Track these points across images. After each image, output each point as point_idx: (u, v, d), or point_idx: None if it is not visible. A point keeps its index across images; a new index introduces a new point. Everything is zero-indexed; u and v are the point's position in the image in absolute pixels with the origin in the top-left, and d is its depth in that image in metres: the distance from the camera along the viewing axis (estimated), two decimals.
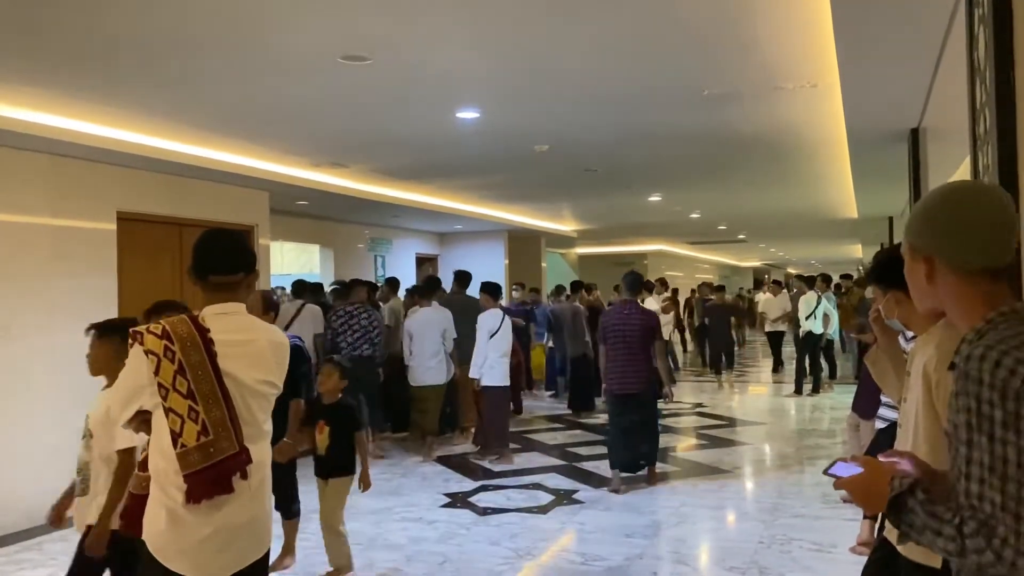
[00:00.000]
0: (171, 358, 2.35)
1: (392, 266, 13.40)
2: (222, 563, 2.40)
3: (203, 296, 2.50)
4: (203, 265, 2.50)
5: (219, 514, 2.37)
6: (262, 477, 2.49)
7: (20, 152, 6.01)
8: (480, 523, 5.85)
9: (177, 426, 2.33)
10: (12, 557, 5.30)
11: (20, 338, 5.97)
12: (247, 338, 2.49)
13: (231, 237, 2.60)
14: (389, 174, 8.98)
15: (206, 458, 2.34)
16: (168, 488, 2.37)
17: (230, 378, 2.40)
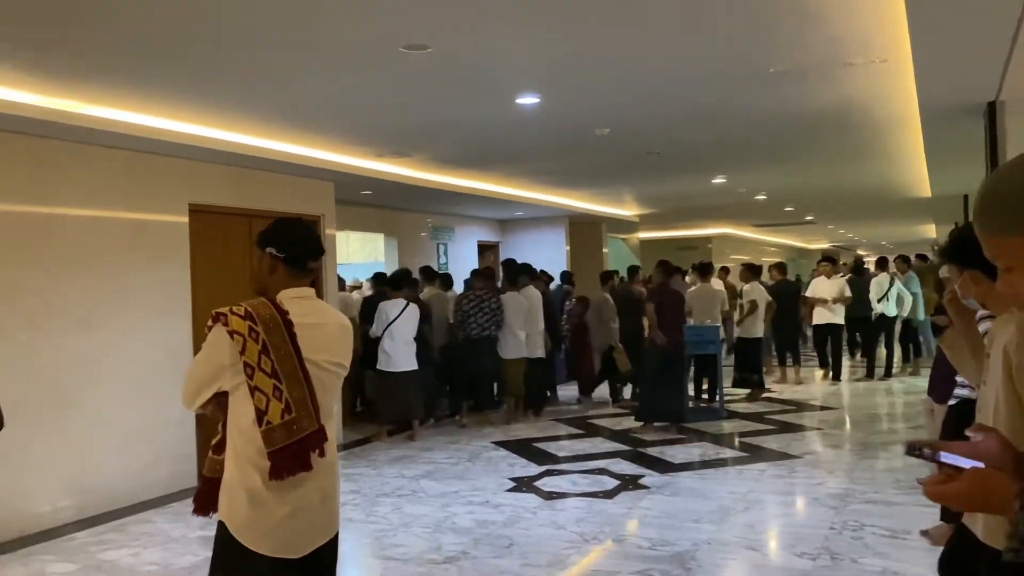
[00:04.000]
0: (255, 338, 2.41)
1: (454, 254, 13.50)
2: (301, 541, 2.46)
3: (279, 281, 2.57)
4: (304, 252, 2.58)
5: (296, 493, 2.43)
6: (332, 458, 2.56)
7: (99, 148, 6.23)
8: (545, 507, 5.88)
9: (263, 404, 2.40)
10: (98, 537, 5.53)
11: (100, 328, 6.20)
12: (320, 321, 2.58)
13: (308, 224, 2.72)
14: (450, 162, 9.04)
15: (289, 435, 2.40)
16: (246, 467, 2.42)
17: (307, 359, 2.48)
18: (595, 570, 4.64)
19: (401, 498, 6.24)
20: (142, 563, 4.98)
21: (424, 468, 7.22)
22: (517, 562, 4.77)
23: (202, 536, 5.45)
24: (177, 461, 6.73)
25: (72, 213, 6.10)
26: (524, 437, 8.44)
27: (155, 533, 5.60)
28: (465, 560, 4.82)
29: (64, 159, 6.03)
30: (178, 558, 5.04)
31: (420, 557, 4.89)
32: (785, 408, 9.77)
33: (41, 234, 5.86)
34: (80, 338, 6.05)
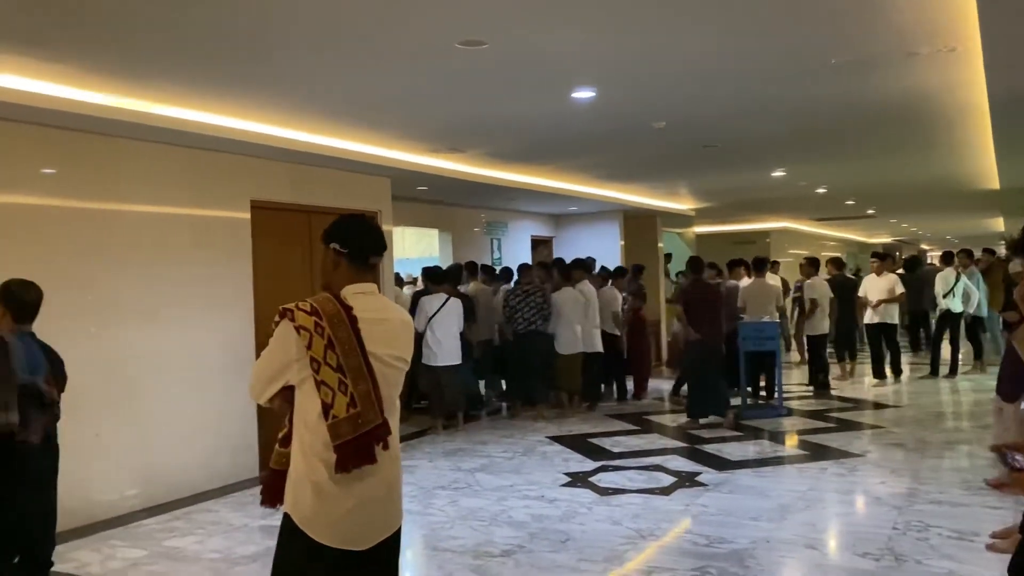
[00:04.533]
0: (321, 333, 2.44)
1: (508, 249, 13.51)
2: (365, 534, 2.49)
3: (342, 276, 2.60)
4: (366, 248, 2.62)
5: (361, 486, 2.46)
6: (395, 452, 2.58)
7: (164, 146, 6.40)
8: (601, 503, 5.86)
9: (329, 398, 2.43)
10: (164, 524, 5.69)
11: (165, 322, 6.37)
12: (383, 316, 2.60)
13: (372, 220, 2.74)
14: (504, 157, 9.05)
15: (355, 429, 2.44)
16: (313, 461, 2.46)
17: (371, 354, 2.50)
18: (652, 566, 4.61)
19: (457, 491, 6.29)
20: (206, 550, 5.12)
21: (479, 462, 7.26)
22: (573, 557, 4.78)
23: (263, 525, 5.58)
24: (238, 452, 6.89)
25: (139, 210, 6.28)
26: (578, 433, 8.43)
27: (218, 522, 5.74)
28: (521, 554, 4.84)
29: (131, 157, 6.20)
30: (241, 546, 5.17)
31: (476, 550, 4.93)
32: (846, 406, 9.58)
33: (109, 230, 6.05)
34: (146, 331, 6.22)
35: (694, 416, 8.58)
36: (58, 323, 3.90)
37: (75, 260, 5.71)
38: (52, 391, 3.57)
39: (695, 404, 8.61)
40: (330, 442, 2.42)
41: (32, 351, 3.58)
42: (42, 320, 4.10)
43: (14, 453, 3.51)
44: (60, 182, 5.76)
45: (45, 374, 3.56)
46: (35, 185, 5.62)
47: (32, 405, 3.52)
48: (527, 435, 8.38)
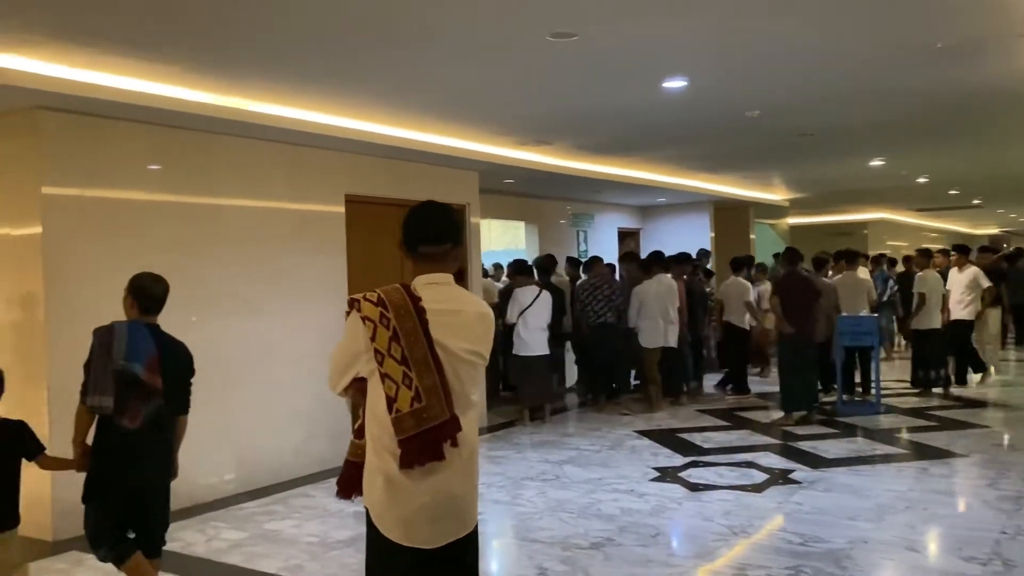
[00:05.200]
0: (386, 324, 2.37)
1: (594, 241, 13.45)
2: (434, 534, 2.40)
3: (412, 268, 2.54)
4: (413, 236, 2.51)
5: (432, 483, 2.38)
6: (472, 450, 2.47)
7: (263, 143, 6.61)
8: (692, 498, 5.79)
9: (392, 391, 2.36)
10: (263, 508, 5.90)
11: (263, 312, 6.58)
12: (456, 308, 2.49)
13: (438, 208, 2.59)
14: (592, 149, 9.02)
15: (419, 424, 2.35)
16: (383, 454, 2.39)
17: (440, 346, 2.40)
18: (744, 563, 4.53)
19: (545, 482, 6.31)
20: (303, 534, 5.28)
21: (567, 454, 7.27)
22: (663, 551, 4.74)
23: (357, 511, 5.68)
24: (333, 439, 7.06)
25: (239, 204, 6.51)
26: (667, 427, 8.34)
27: (314, 506, 5.92)
28: (610, 547, 4.83)
29: (232, 153, 6.43)
30: (336, 531, 5.31)
31: (565, 541, 4.94)
32: (948, 404, 9.18)
33: (211, 224, 6.29)
34: (245, 321, 6.45)
35: (787, 411, 8.40)
36: (163, 314, 4.07)
37: (179, 253, 5.95)
38: (154, 379, 3.69)
39: (788, 399, 8.43)
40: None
41: (137, 340, 3.71)
42: None
43: (114, 435, 3.67)
44: (165, 178, 6.02)
45: (147, 362, 3.70)
46: (141, 181, 5.88)
47: (129, 391, 3.65)
48: (614, 428, 8.34)
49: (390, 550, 2.40)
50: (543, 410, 8.82)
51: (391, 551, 2.40)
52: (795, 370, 8.33)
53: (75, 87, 5.03)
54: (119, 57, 4.82)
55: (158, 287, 3.90)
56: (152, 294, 3.87)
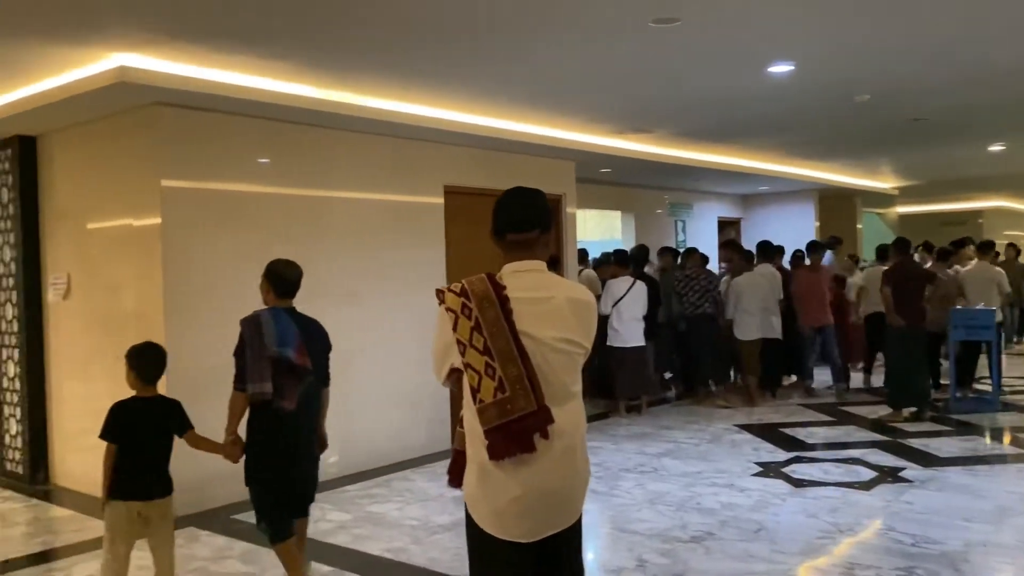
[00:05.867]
0: (468, 315, 2.35)
1: (693, 230, 13.23)
2: (526, 528, 2.36)
3: (502, 255, 2.51)
4: (501, 223, 2.48)
5: (524, 476, 2.32)
6: (570, 443, 2.39)
7: (366, 135, 6.76)
8: (796, 494, 5.64)
9: (475, 382, 2.33)
10: (366, 491, 6.06)
11: (366, 301, 6.74)
12: (544, 295, 2.41)
13: (525, 194, 2.54)
14: (692, 137, 8.85)
15: (503, 414, 2.30)
16: (476, 444, 2.37)
17: (527, 336, 2.34)
18: (852, 562, 4.39)
19: (643, 475, 6.26)
20: (405, 517, 5.40)
21: (665, 446, 7.19)
22: (767, 547, 4.63)
23: (457, 497, 5.78)
24: (432, 425, 7.21)
25: (342, 196, 6.68)
26: (769, 421, 8.14)
27: (415, 491, 6.04)
28: (711, 541, 4.75)
29: (336, 146, 6.60)
30: (437, 516, 5.41)
31: (665, 534, 4.89)
32: None
33: (316, 215, 6.47)
34: (349, 310, 6.62)
35: (897, 407, 8.08)
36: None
37: (288, 243, 6.12)
38: (304, 361, 3.90)
39: (898, 394, 8.10)
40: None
41: (283, 325, 3.93)
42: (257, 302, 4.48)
43: (273, 418, 3.88)
44: (275, 171, 6.23)
45: (296, 346, 3.90)
46: (253, 174, 6.10)
47: (285, 375, 3.87)
48: (713, 422, 8.20)
49: (487, 541, 2.39)
50: (639, 402, 8.74)
51: (488, 542, 2.39)
52: (905, 364, 8.00)
53: (191, 83, 5.26)
54: (234, 54, 5.01)
55: (292, 272, 4.09)
56: (287, 278, 4.07)
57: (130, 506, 3.65)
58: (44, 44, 4.67)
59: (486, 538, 2.39)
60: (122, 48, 4.82)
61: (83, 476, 6.35)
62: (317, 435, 4.18)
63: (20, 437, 6.63)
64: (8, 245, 6.64)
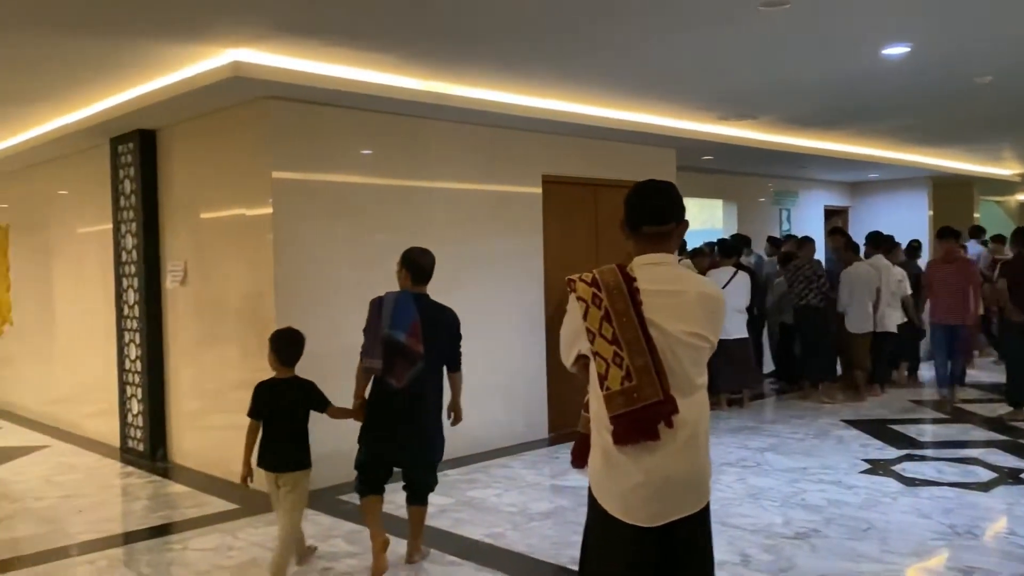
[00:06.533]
0: (598, 305, 2.41)
1: (798, 219, 12.83)
2: (652, 512, 2.41)
3: (633, 247, 2.53)
4: (636, 216, 2.51)
5: (648, 462, 2.39)
6: (693, 432, 2.44)
7: (465, 125, 6.83)
8: (907, 493, 5.42)
9: (603, 370, 2.40)
10: (466, 476, 6.14)
11: (465, 290, 6.78)
12: (675, 288, 2.45)
13: (662, 187, 2.57)
14: (799, 123, 8.57)
15: (629, 403, 2.37)
16: (601, 430, 2.46)
17: (655, 327, 2.39)
18: (968, 566, 4.19)
19: (745, 469, 6.13)
20: (504, 503, 5.45)
21: (768, 441, 7.02)
22: (876, 547, 4.47)
23: (555, 485, 5.83)
24: (530, 413, 7.26)
25: (442, 186, 6.76)
26: (878, 417, 7.85)
27: (514, 478, 6.09)
28: (817, 538, 4.62)
29: (435, 137, 6.69)
30: (535, 503, 5.44)
31: (768, 530, 4.78)
32: None
33: (416, 204, 6.58)
34: (448, 299, 6.62)
35: (1017, 405, 7.66)
36: (374, 291, 4.35)
37: (390, 233, 6.27)
38: (415, 345, 4.10)
39: (1016, 392, 7.68)
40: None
41: (402, 310, 4.14)
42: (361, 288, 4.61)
43: (382, 392, 4.19)
44: (375, 162, 6.36)
45: (409, 330, 4.10)
46: (354, 165, 6.25)
47: (394, 355, 4.11)
48: (819, 417, 7.96)
49: (611, 523, 2.45)
50: (741, 395, 8.57)
51: (612, 524, 2.45)
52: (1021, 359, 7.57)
53: (300, 77, 5.42)
54: (340, 48, 5.14)
55: (426, 259, 4.36)
56: (422, 265, 4.33)
57: (269, 475, 4.14)
58: (163, 42, 4.89)
59: (609, 520, 2.45)
60: (235, 44, 5.01)
61: (198, 454, 6.67)
62: (453, 412, 4.53)
63: (141, 416, 7.01)
64: (130, 234, 7.01)
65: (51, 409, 8.80)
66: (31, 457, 7.26)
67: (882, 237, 9.36)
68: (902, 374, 9.80)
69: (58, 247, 8.72)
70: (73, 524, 5.30)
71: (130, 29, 4.63)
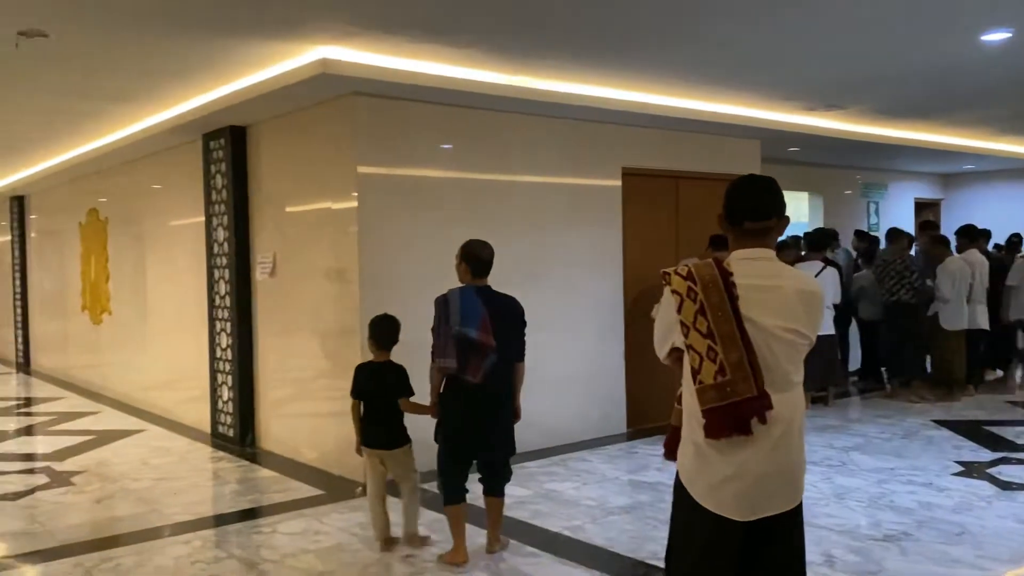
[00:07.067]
0: (693, 298, 2.41)
1: (886, 212, 12.42)
2: (743, 506, 2.41)
3: (732, 241, 2.54)
4: (738, 210, 2.51)
5: (739, 456, 2.39)
6: (787, 429, 2.42)
7: (547, 119, 6.83)
8: (1004, 497, 5.21)
9: (696, 363, 2.41)
10: (544, 469, 6.16)
11: (544, 282, 6.81)
12: (772, 284, 2.44)
13: (764, 182, 2.57)
14: (890, 112, 8.28)
15: (722, 397, 2.37)
16: (693, 423, 2.47)
17: (751, 322, 2.38)
18: None
19: (830, 468, 5.98)
20: (583, 497, 5.45)
21: (854, 440, 6.83)
22: (971, 552, 4.31)
23: (633, 480, 5.81)
24: (608, 407, 7.23)
25: (521, 179, 6.79)
26: (971, 419, 7.55)
27: (592, 471, 6.08)
28: (907, 541, 4.48)
29: (514, 130, 6.71)
30: (614, 497, 5.42)
31: (855, 531, 4.66)
32: None
33: (496, 198, 6.62)
34: (528, 290, 6.67)
35: None
36: (453, 282, 4.39)
37: (471, 226, 6.30)
38: (487, 339, 4.11)
39: None
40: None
41: (468, 305, 4.17)
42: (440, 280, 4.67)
43: (459, 389, 4.23)
44: (456, 156, 6.42)
45: (479, 324, 4.12)
46: (435, 159, 6.32)
47: (469, 351, 4.14)
48: (907, 416, 7.70)
49: (700, 515, 2.45)
50: (826, 392, 8.35)
51: (701, 516, 2.45)
52: None
53: (385, 73, 5.51)
54: (422, 44, 5.20)
55: (486, 252, 4.36)
56: (481, 258, 4.33)
57: (369, 452, 4.50)
58: (255, 40, 5.04)
59: (699, 512, 2.46)
60: (323, 41, 5.12)
61: (284, 441, 6.88)
62: (511, 407, 4.41)
63: (231, 403, 7.26)
64: (222, 227, 7.25)
65: (146, 395, 9.20)
66: (129, 440, 7.60)
67: (977, 231, 8.99)
68: (996, 373, 9.41)
69: (152, 239, 9.10)
70: (168, 505, 5.53)
71: (225, 28, 4.78)
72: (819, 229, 9.60)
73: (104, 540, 4.88)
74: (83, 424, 8.43)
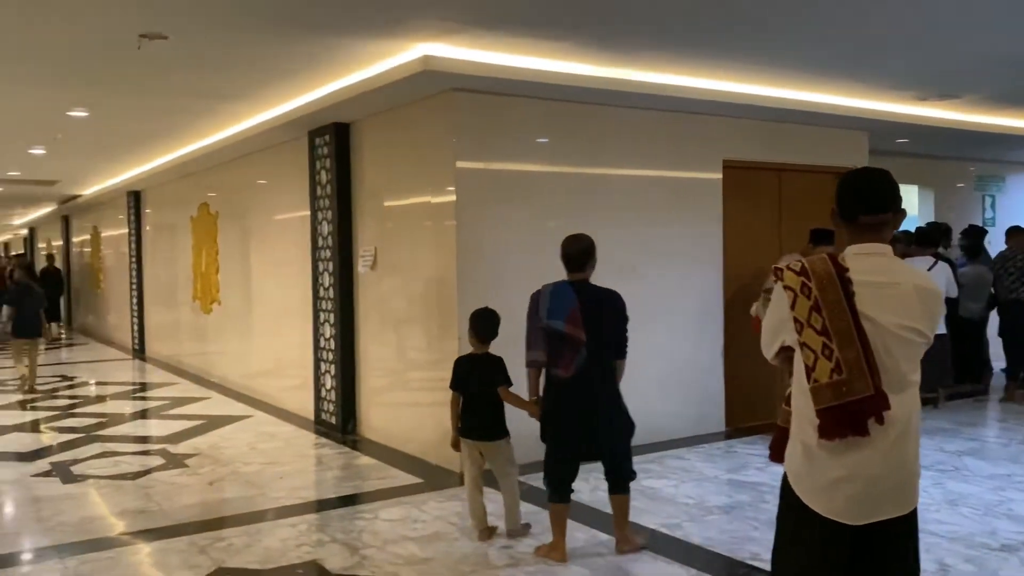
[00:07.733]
0: (807, 294, 2.34)
1: (1004, 207, 11.78)
2: (854, 510, 2.33)
3: (847, 236, 2.46)
4: (853, 205, 2.43)
5: (851, 459, 2.31)
6: (903, 431, 2.33)
7: (645, 112, 6.76)
8: None
9: (810, 361, 2.33)
10: (641, 466, 5.97)
11: (644, 277, 6.74)
12: (889, 280, 2.36)
13: (879, 175, 2.48)
14: (1009, 101, 7.85)
15: (837, 396, 2.29)
16: (803, 423, 2.40)
17: (867, 320, 2.30)
18: None
19: (942, 473, 5.74)
20: (681, 495, 5.40)
21: (967, 444, 6.53)
22: None
23: (732, 480, 5.71)
24: (706, 405, 7.12)
25: (620, 173, 6.74)
26: None
27: (690, 469, 6.01)
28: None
29: (612, 123, 6.66)
30: (713, 496, 5.35)
31: (969, 539, 4.45)
32: None
33: (593, 191, 6.59)
34: (627, 284, 6.60)
35: None
36: (548, 277, 4.40)
37: (569, 220, 6.29)
38: (577, 332, 4.12)
39: None
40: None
41: (559, 298, 4.19)
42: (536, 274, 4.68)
43: (553, 384, 4.28)
44: (553, 149, 6.42)
45: (568, 318, 4.13)
46: (533, 153, 6.34)
47: (558, 344, 4.17)
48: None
49: (808, 517, 2.39)
50: (936, 394, 8.00)
51: (809, 519, 2.38)
52: None
53: (483, 69, 5.56)
54: (521, 38, 5.22)
55: (570, 246, 4.37)
56: (568, 253, 4.36)
57: (466, 443, 4.60)
58: (359, 39, 5.17)
59: (807, 514, 2.39)
60: (424, 38, 5.21)
61: (383, 429, 7.04)
62: (616, 403, 4.39)
63: (334, 391, 7.48)
64: (326, 221, 7.47)
65: (252, 382, 9.57)
66: (237, 425, 7.92)
67: None
68: None
69: (260, 233, 9.44)
70: (275, 489, 5.75)
71: (330, 28, 4.92)
72: (931, 223, 9.20)
73: (215, 520, 5.11)
74: (194, 409, 8.83)
